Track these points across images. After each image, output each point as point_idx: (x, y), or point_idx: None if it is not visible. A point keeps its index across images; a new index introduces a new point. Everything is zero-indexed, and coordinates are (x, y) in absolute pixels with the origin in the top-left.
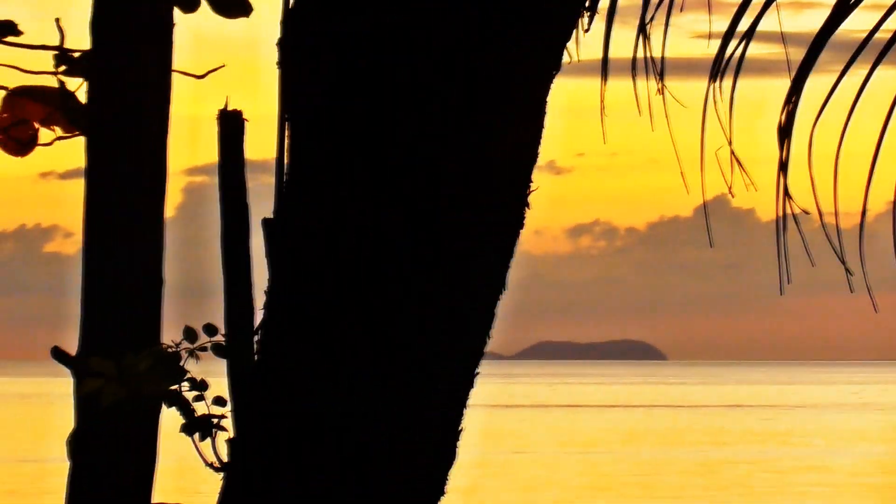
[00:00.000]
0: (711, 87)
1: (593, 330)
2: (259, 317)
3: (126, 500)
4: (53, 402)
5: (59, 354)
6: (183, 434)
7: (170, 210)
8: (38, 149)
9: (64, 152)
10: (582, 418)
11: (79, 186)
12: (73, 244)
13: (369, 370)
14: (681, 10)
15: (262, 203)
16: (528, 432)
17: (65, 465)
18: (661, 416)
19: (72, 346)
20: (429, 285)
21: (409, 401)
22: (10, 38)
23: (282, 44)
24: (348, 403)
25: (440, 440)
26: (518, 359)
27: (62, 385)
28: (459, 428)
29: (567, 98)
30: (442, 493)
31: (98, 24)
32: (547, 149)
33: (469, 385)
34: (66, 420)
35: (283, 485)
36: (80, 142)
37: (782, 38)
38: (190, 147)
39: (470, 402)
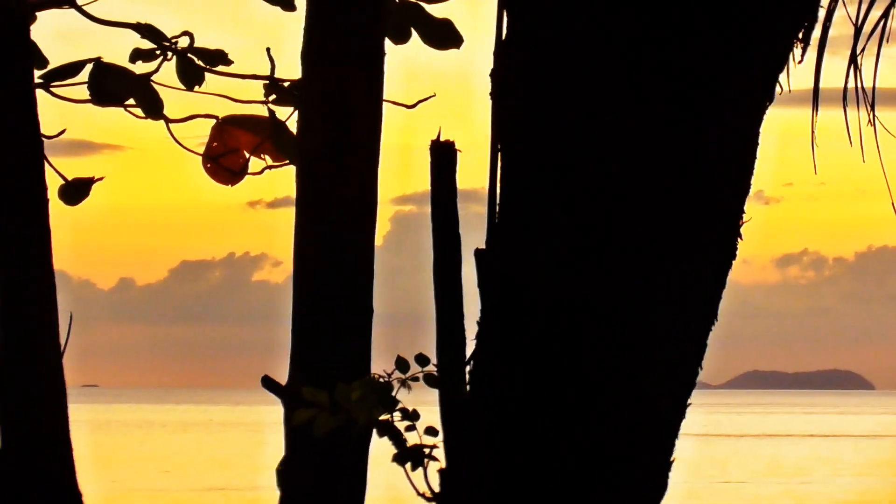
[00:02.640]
0: None
1: (801, 359)
2: (470, 347)
3: None
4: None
5: (269, 383)
6: (394, 464)
7: (378, 239)
8: (246, 177)
9: (271, 181)
10: (788, 448)
11: (286, 215)
12: (281, 273)
13: (582, 402)
14: (890, 41)
15: (473, 233)
16: (734, 461)
17: (275, 494)
18: (867, 446)
19: (281, 375)
20: (643, 316)
21: (623, 432)
22: (221, 68)
23: (494, 74)
24: (561, 436)
25: (653, 470)
26: (726, 388)
27: (272, 413)
28: (671, 458)
29: (777, 128)
30: None
31: (309, 54)
32: (756, 178)
33: (681, 415)
34: (275, 448)
35: None
36: (288, 171)
37: None
38: (398, 176)
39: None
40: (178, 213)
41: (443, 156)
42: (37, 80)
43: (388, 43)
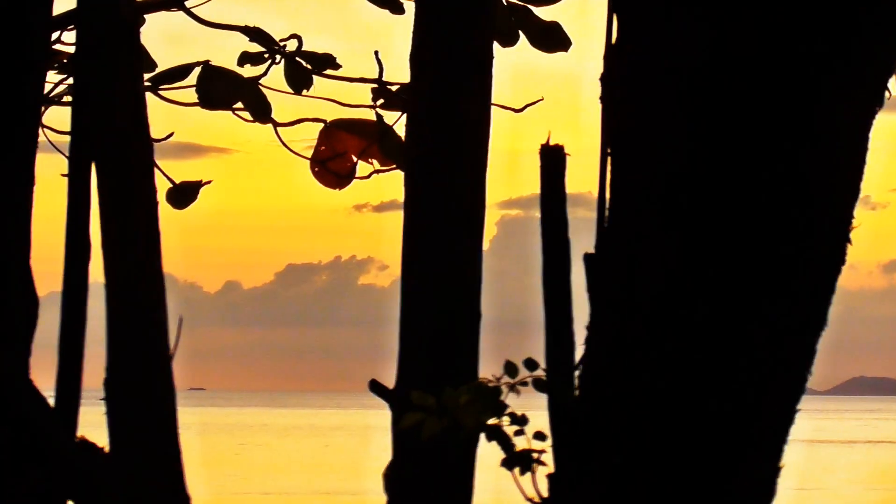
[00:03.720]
0: None
1: None
2: (579, 352)
3: None
4: (370, 434)
5: (376, 387)
6: (502, 468)
7: (485, 243)
8: (353, 181)
9: (378, 185)
10: (891, 455)
11: (393, 219)
12: (387, 276)
13: (693, 409)
14: None
15: (581, 238)
16: (840, 468)
17: (382, 499)
18: None
19: (388, 379)
20: (754, 322)
21: (734, 438)
22: (328, 71)
23: (604, 78)
24: (671, 441)
25: (762, 476)
26: (832, 394)
27: (379, 417)
28: (780, 464)
29: (884, 133)
30: None
31: (417, 57)
32: (863, 184)
33: (790, 420)
34: (382, 452)
35: None
36: (395, 175)
37: None
38: (505, 180)
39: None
40: (284, 217)
41: (552, 159)
42: (145, 83)
43: (495, 46)
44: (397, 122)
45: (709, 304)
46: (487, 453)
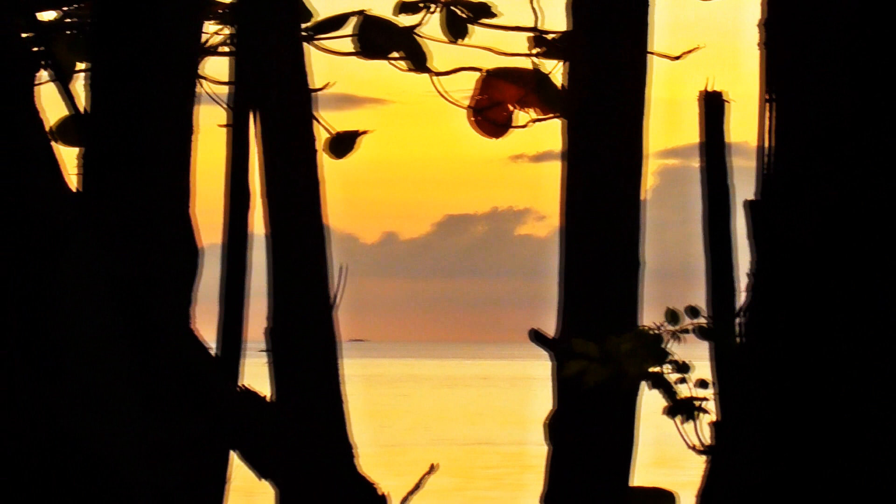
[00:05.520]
0: None
1: None
2: (741, 299)
3: (604, 481)
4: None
5: (538, 336)
6: (665, 416)
7: (643, 192)
8: (510, 130)
9: (535, 134)
10: None
11: (550, 169)
12: (545, 227)
13: (856, 352)
14: None
15: (742, 185)
16: None
17: (543, 448)
18: None
19: (547, 328)
20: None
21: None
22: (485, 20)
23: (765, 24)
24: (832, 387)
25: None
26: None
27: (538, 367)
28: None
29: None
30: None
31: (576, 6)
32: None
33: None
34: (543, 402)
35: (768, 469)
36: (551, 124)
37: None
38: (663, 129)
39: None
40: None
41: (713, 106)
42: (302, 33)
43: None
44: (555, 70)
45: (873, 248)
46: (649, 401)
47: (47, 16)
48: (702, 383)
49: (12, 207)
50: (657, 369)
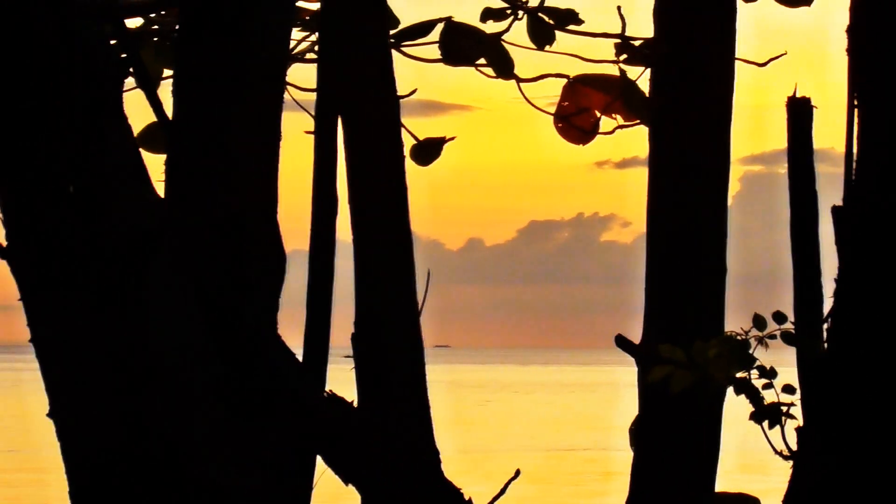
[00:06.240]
0: None
1: None
2: (827, 305)
3: (689, 487)
4: (614, 390)
5: (623, 342)
6: (750, 422)
7: (728, 198)
8: (594, 137)
9: (619, 141)
10: None
11: (635, 175)
12: (630, 233)
13: None
14: None
15: (828, 191)
16: None
17: (628, 455)
18: None
19: (631, 335)
20: None
21: None
22: (571, 27)
23: (852, 30)
24: None
25: None
26: None
27: (622, 373)
28: None
29: None
30: None
31: (661, 12)
32: None
33: None
34: (628, 408)
35: (852, 475)
36: (636, 131)
37: None
38: (747, 136)
39: None
40: (526, 174)
41: (799, 112)
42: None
43: (738, 2)
44: (641, 76)
45: None
46: (734, 407)
47: (133, 23)
48: (788, 389)
49: (100, 215)
50: (743, 375)
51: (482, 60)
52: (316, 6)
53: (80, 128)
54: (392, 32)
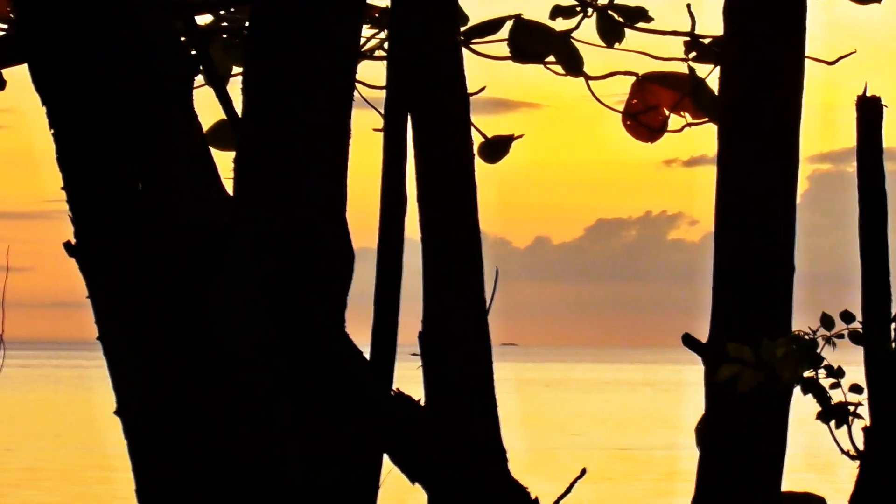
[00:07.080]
0: None
1: None
2: None
3: (755, 487)
4: (681, 389)
5: (690, 341)
6: (817, 421)
7: (797, 197)
8: (663, 135)
9: (687, 139)
10: None
11: (703, 173)
12: (698, 231)
13: None
14: None
15: (894, 191)
16: None
17: (694, 454)
18: None
19: (699, 333)
20: None
21: None
22: (641, 25)
23: None
24: None
25: None
26: None
27: (689, 372)
28: None
29: None
30: None
31: (731, 10)
32: None
33: None
34: (694, 408)
35: None
36: (705, 129)
37: None
38: (816, 134)
39: None
40: (593, 171)
41: (869, 111)
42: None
43: None
44: (710, 74)
45: None
46: (801, 406)
47: (203, 20)
48: (855, 388)
49: (168, 213)
50: (811, 374)
51: (551, 58)
52: (385, 3)
53: (150, 125)
54: (461, 30)
